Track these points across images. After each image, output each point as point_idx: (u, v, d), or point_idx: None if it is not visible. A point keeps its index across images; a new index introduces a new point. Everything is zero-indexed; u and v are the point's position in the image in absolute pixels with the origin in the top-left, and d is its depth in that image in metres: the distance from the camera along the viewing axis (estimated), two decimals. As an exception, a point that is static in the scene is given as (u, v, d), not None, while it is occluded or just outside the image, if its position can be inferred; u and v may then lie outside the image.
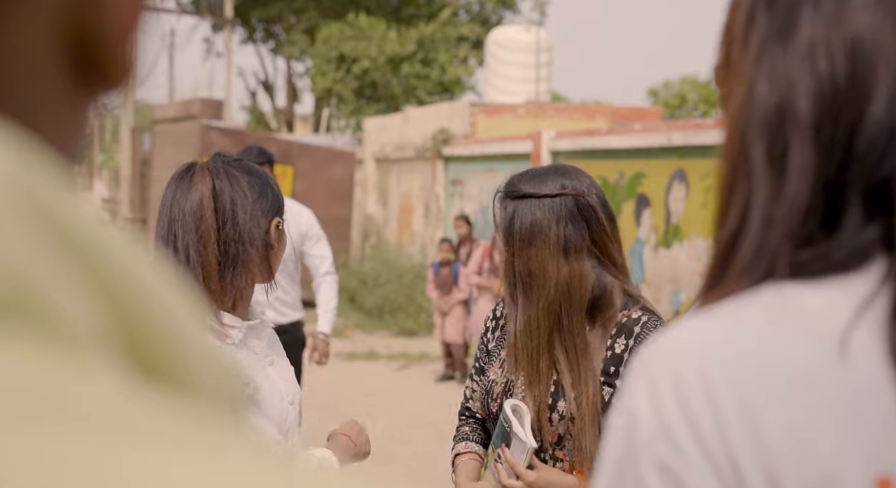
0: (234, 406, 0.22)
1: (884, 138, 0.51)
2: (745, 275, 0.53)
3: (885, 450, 0.48)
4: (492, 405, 1.77)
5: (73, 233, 0.18)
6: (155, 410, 0.18)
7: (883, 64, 0.52)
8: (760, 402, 0.49)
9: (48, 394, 0.16)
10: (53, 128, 0.22)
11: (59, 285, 0.17)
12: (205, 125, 11.16)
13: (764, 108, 0.54)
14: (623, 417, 0.52)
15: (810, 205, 0.52)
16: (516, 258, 1.69)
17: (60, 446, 0.16)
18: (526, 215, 1.69)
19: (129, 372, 0.19)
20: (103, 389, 0.17)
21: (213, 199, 1.63)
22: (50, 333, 0.17)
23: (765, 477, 0.48)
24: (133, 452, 0.16)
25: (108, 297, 0.18)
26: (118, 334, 0.19)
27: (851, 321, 0.50)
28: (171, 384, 0.20)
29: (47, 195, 0.18)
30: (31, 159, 0.18)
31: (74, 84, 0.23)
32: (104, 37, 0.22)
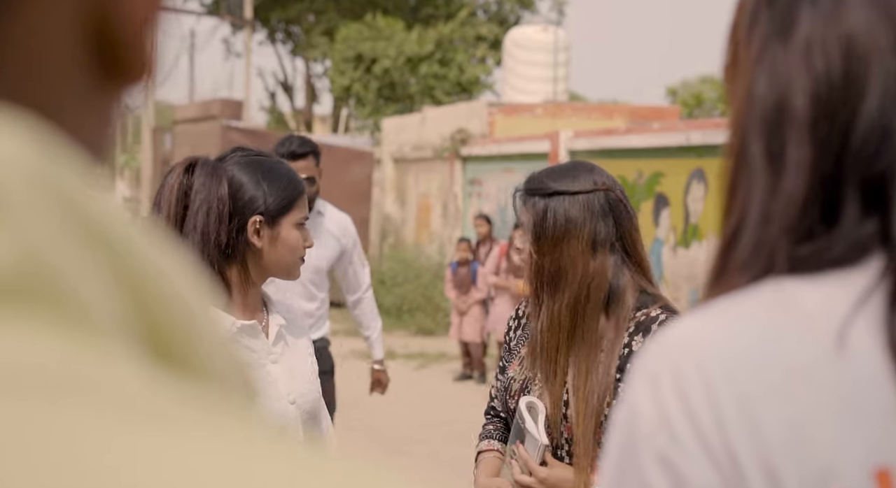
0: (247, 393, 0.22)
1: (877, 135, 0.52)
2: (745, 271, 0.54)
3: (883, 443, 0.49)
4: (510, 402, 1.78)
5: (94, 224, 0.19)
6: (169, 393, 0.18)
7: (876, 62, 0.53)
8: (759, 396, 0.50)
9: (63, 373, 0.17)
10: (77, 124, 0.23)
11: (80, 272, 0.18)
12: (224, 125, 11.23)
13: (763, 105, 0.55)
14: (625, 411, 0.53)
15: (807, 201, 0.53)
16: (546, 256, 1.70)
17: (70, 422, 0.16)
18: (560, 212, 1.69)
19: (146, 357, 0.19)
20: (119, 371, 0.18)
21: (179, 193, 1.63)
22: (70, 317, 0.18)
23: (763, 471, 0.49)
24: (144, 432, 0.17)
25: (128, 286, 0.19)
26: (137, 321, 0.19)
27: (849, 315, 0.51)
28: (186, 371, 0.20)
29: (70, 187, 0.19)
30: (55, 153, 0.19)
31: (96, 80, 0.23)
32: (123, 31, 0.23)
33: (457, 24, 19.29)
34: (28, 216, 0.17)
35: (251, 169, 1.69)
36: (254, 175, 1.68)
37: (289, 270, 1.73)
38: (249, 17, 17.20)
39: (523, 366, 1.80)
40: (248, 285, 1.71)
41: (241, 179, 1.67)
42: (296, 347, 1.77)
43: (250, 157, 1.71)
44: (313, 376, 1.77)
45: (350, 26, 18.85)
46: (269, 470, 0.17)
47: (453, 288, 7.80)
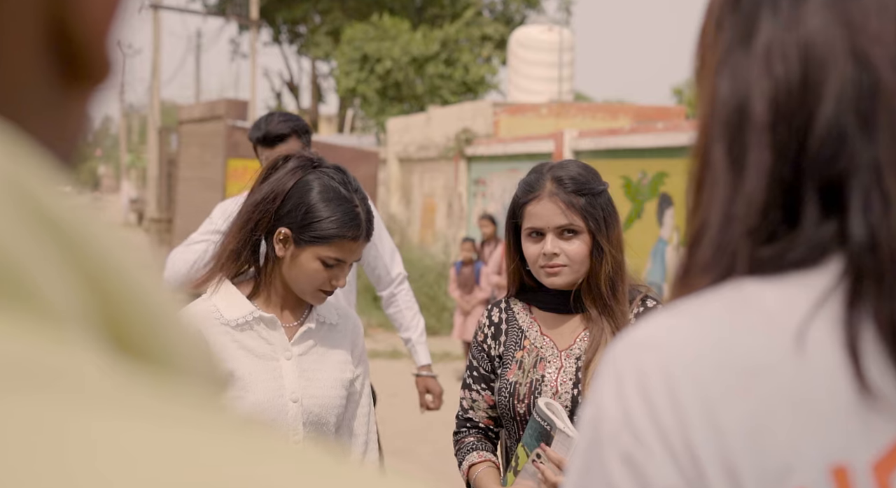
0: (214, 385, 0.23)
1: (833, 138, 0.53)
2: (707, 272, 0.55)
3: (839, 441, 0.50)
4: (518, 406, 1.75)
5: (56, 221, 0.19)
6: (128, 383, 0.18)
7: (832, 66, 0.54)
8: (720, 397, 0.51)
9: (20, 362, 0.17)
10: (40, 126, 0.23)
11: (38, 264, 0.19)
12: (230, 125, 11.25)
13: (725, 109, 0.56)
14: (591, 410, 0.54)
15: (767, 203, 0.54)
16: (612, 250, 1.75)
17: (27, 411, 0.17)
18: (612, 208, 1.78)
19: (106, 349, 0.20)
20: (79, 362, 0.18)
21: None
22: (28, 307, 0.18)
23: (723, 469, 0.50)
24: (101, 420, 0.17)
25: (89, 280, 0.20)
26: (97, 314, 0.20)
27: (808, 316, 0.52)
28: (147, 361, 0.20)
29: (32, 185, 0.19)
30: (16, 152, 0.19)
31: (59, 83, 0.23)
32: (83, 34, 0.23)
33: (462, 24, 19.29)
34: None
35: (325, 189, 1.71)
36: (321, 194, 1.70)
37: (303, 293, 1.74)
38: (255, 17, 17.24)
39: (524, 368, 1.78)
40: (276, 284, 1.74)
41: (306, 190, 1.70)
42: (326, 354, 1.77)
43: (335, 182, 1.73)
44: (337, 385, 1.76)
45: (356, 26, 18.87)
46: (222, 457, 0.17)
47: (457, 287, 7.81)
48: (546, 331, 1.82)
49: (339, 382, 1.77)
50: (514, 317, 1.85)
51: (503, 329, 1.85)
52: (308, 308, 1.79)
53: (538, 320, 1.83)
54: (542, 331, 1.82)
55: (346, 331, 1.83)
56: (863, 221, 0.52)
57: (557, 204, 1.73)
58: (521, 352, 1.81)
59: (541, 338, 1.81)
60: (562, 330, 1.81)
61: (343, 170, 1.80)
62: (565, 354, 1.78)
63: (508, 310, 1.86)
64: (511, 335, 1.84)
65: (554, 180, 1.75)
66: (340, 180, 1.75)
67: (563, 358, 1.78)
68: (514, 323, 1.85)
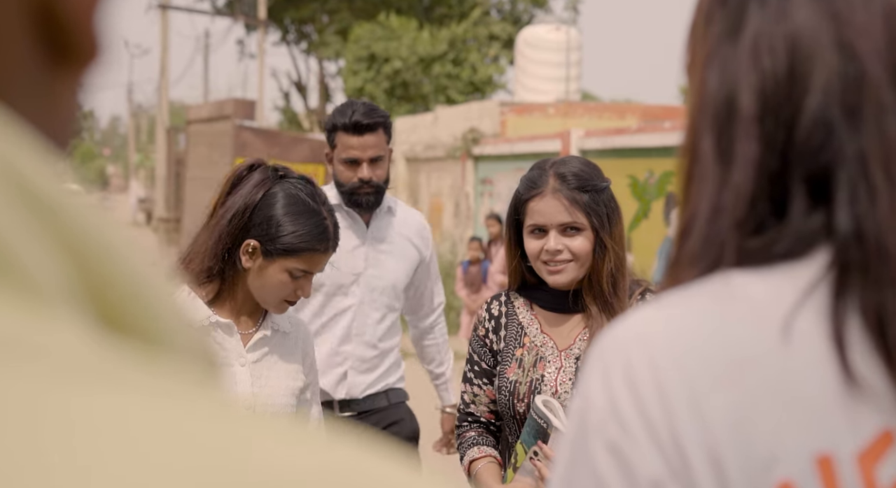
0: (205, 363, 0.23)
1: (820, 130, 0.53)
2: (696, 264, 0.55)
3: (825, 431, 0.50)
4: (518, 405, 1.75)
5: (44, 200, 0.20)
6: (113, 357, 0.18)
7: (819, 59, 0.54)
8: (705, 387, 0.51)
9: (9, 338, 0.18)
10: (30, 108, 0.23)
11: (24, 241, 0.19)
12: (238, 125, 11.28)
13: (714, 102, 0.56)
14: (579, 400, 0.54)
15: (755, 195, 0.54)
16: (616, 246, 1.76)
17: (8, 385, 0.17)
18: (614, 205, 1.78)
19: (94, 326, 0.20)
20: (66, 337, 0.18)
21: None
22: (14, 284, 0.18)
23: (708, 459, 0.50)
24: (85, 393, 0.17)
25: (77, 259, 0.20)
26: (85, 292, 0.20)
27: (794, 307, 0.52)
28: (134, 338, 0.21)
29: (20, 165, 0.19)
30: (5, 130, 0.20)
31: (47, 65, 0.24)
32: (70, 14, 0.23)
33: (470, 23, 19.29)
34: None
35: (293, 202, 1.72)
36: (290, 207, 1.72)
37: (266, 303, 1.76)
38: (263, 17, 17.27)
39: (524, 367, 1.77)
40: (237, 291, 1.76)
41: (274, 202, 1.72)
42: (279, 362, 1.79)
43: (303, 193, 1.74)
44: (288, 393, 1.78)
45: (363, 26, 18.89)
46: (209, 430, 0.17)
47: (464, 286, 7.82)
48: (546, 329, 1.81)
49: (291, 390, 1.79)
50: (514, 312, 1.84)
51: (503, 323, 1.84)
52: (263, 315, 1.80)
53: (538, 317, 1.82)
54: (543, 328, 1.81)
55: (297, 339, 1.84)
56: (849, 212, 0.52)
57: (561, 201, 1.73)
58: (520, 349, 1.80)
59: (541, 336, 1.81)
60: (562, 328, 1.80)
61: (310, 180, 1.81)
62: (565, 354, 1.78)
63: (509, 303, 1.86)
64: (511, 330, 1.83)
65: (557, 177, 1.74)
66: (308, 192, 1.76)
67: (563, 357, 1.77)
68: (514, 318, 1.84)
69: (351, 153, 2.55)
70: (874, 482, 0.50)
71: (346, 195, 2.61)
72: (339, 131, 2.58)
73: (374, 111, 2.58)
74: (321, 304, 2.58)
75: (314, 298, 2.54)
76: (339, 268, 2.52)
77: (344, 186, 2.60)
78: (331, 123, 2.60)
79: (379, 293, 2.60)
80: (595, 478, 0.51)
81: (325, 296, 2.58)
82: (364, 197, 2.58)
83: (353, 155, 2.55)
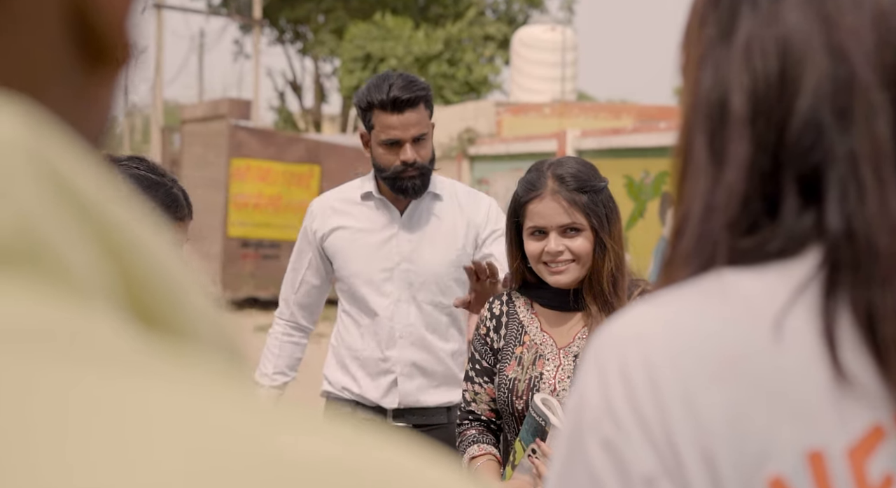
0: (233, 357, 0.24)
1: (811, 130, 0.54)
2: (689, 263, 0.56)
3: (815, 426, 0.51)
4: (517, 402, 1.77)
5: (84, 199, 0.21)
6: (146, 348, 0.19)
7: (809, 61, 0.55)
8: (698, 384, 0.52)
9: (44, 327, 0.19)
10: (66, 109, 0.25)
11: (68, 241, 0.20)
12: (233, 125, 11.27)
13: (707, 103, 0.57)
14: (575, 398, 0.55)
15: (748, 195, 0.55)
16: (616, 247, 1.77)
17: (49, 372, 0.18)
18: (612, 205, 1.80)
19: (128, 319, 0.21)
20: (101, 329, 0.19)
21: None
22: (56, 279, 0.19)
23: (700, 456, 0.51)
24: (116, 381, 0.18)
25: (113, 255, 0.21)
26: (121, 287, 0.21)
27: (786, 305, 0.53)
28: (165, 331, 0.22)
29: (62, 165, 0.21)
30: (48, 134, 0.21)
31: (82, 66, 0.25)
32: (104, 18, 0.24)
33: (465, 23, 19.30)
34: (24, 190, 0.19)
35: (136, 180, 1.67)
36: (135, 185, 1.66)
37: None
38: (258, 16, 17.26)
39: (523, 364, 1.79)
40: None
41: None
42: None
43: (142, 170, 1.70)
44: None
45: (359, 26, 18.89)
46: (232, 418, 0.18)
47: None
48: (546, 327, 1.83)
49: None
50: (514, 311, 1.86)
51: (503, 322, 1.86)
52: None
53: (539, 316, 1.84)
54: (543, 327, 1.83)
55: None
56: (839, 212, 0.53)
57: (560, 202, 1.74)
58: (520, 347, 1.82)
59: (541, 334, 1.82)
60: (562, 327, 1.82)
61: (143, 158, 1.76)
62: (563, 352, 1.79)
63: (510, 303, 1.87)
64: (511, 329, 1.85)
65: (555, 178, 1.75)
66: (146, 167, 1.72)
67: (562, 356, 1.79)
68: (515, 317, 1.85)
69: (391, 134, 2.22)
70: (864, 477, 0.51)
71: (389, 181, 2.27)
72: (376, 109, 2.23)
73: (414, 83, 2.22)
74: (357, 309, 2.34)
75: (346, 304, 2.37)
76: (369, 263, 2.31)
77: (386, 171, 2.26)
78: (365, 101, 2.24)
79: (418, 288, 2.31)
80: (590, 475, 0.52)
81: (357, 299, 2.33)
82: (409, 181, 2.26)
83: (395, 135, 2.22)
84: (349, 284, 2.36)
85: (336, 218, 2.40)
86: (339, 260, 2.38)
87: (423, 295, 2.32)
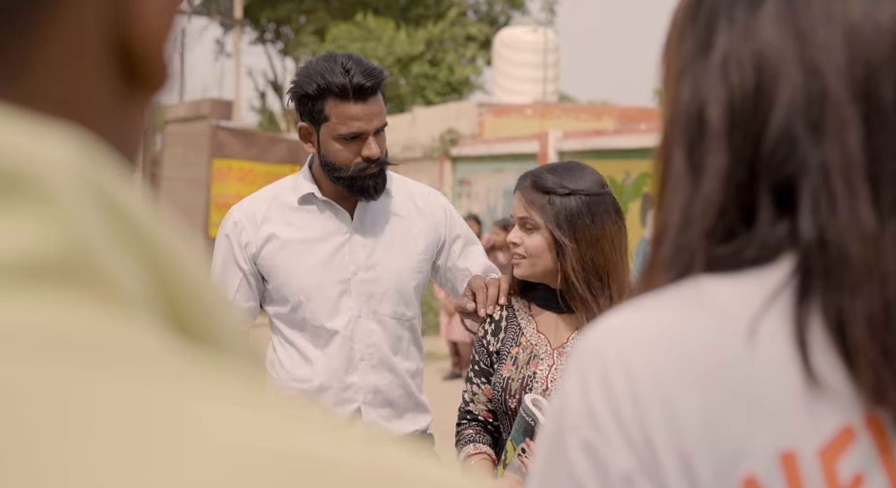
0: (252, 362, 0.26)
1: (785, 142, 0.56)
2: (667, 270, 0.58)
3: (788, 428, 0.53)
4: (510, 401, 1.81)
5: (126, 216, 0.23)
6: (185, 356, 0.21)
7: (783, 75, 0.57)
8: (676, 388, 0.53)
9: (97, 338, 0.21)
10: (109, 131, 0.26)
11: (115, 256, 0.22)
12: (215, 125, 11.23)
13: (686, 115, 0.59)
14: (557, 401, 0.57)
15: (724, 205, 0.57)
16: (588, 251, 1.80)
17: (102, 376, 0.20)
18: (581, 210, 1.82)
19: (167, 329, 0.23)
20: (146, 338, 0.21)
21: None
22: (106, 293, 0.21)
23: (677, 456, 0.52)
24: (162, 384, 0.20)
25: (153, 269, 0.23)
26: (160, 299, 0.23)
27: (760, 311, 0.55)
28: (201, 341, 0.24)
29: (107, 184, 0.22)
30: (94, 156, 0.23)
31: (122, 91, 0.27)
32: (144, 47, 0.26)
33: (447, 24, 19.31)
34: (74, 208, 0.21)
35: None
36: None
37: None
38: (240, 16, 17.20)
39: (518, 364, 1.83)
40: None
41: None
42: None
43: None
44: None
45: (340, 26, 18.86)
46: (268, 421, 0.20)
47: (442, 287, 7.85)
48: (542, 328, 1.88)
49: None
50: (513, 315, 1.91)
51: (503, 326, 1.91)
52: None
53: (535, 317, 1.89)
54: (538, 328, 1.88)
55: None
56: (812, 221, 0.55)
57: (521, 197, 1.83)
58: (516, 348, 1.87)
59: (536, 335, 1.87)
60: (556, 328, 1.87)
61: None
62: (557, 352, 1.84)
63: (509, 307, 1.93)
64: (510, 332, 1.90)
65: (530, 175, 1.85)
66: None
67: (556, 356, 1.83)
68: (514, 320, 1.91)
69: (354, 126, 1.90)
70: (835, 476, 0.53)
71: (345, 181, 1.95)
72: (331, 98, 1.90)
73: (373, 68, 1.92)
74: (303, 332, 1.99)
75: (285, 328, 2.00)
76: (320, 278, 1.97)
77: (343, 170, 1.94)
78: (314, 88, 1.89)
79: (379, 301, 1.99)
80: (570, 475, 0.54)
81: (304, 320, 1.98)
82: (371, 180, 1.95)
83: (358, 127, 1.91)
84: (293, 304, 1.97)
85: (269, 227, 2.00)
86: (279, 276, 1.97)
87: (384, 307, 1.99)
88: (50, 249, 0.20)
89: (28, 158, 0.21)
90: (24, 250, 0.20)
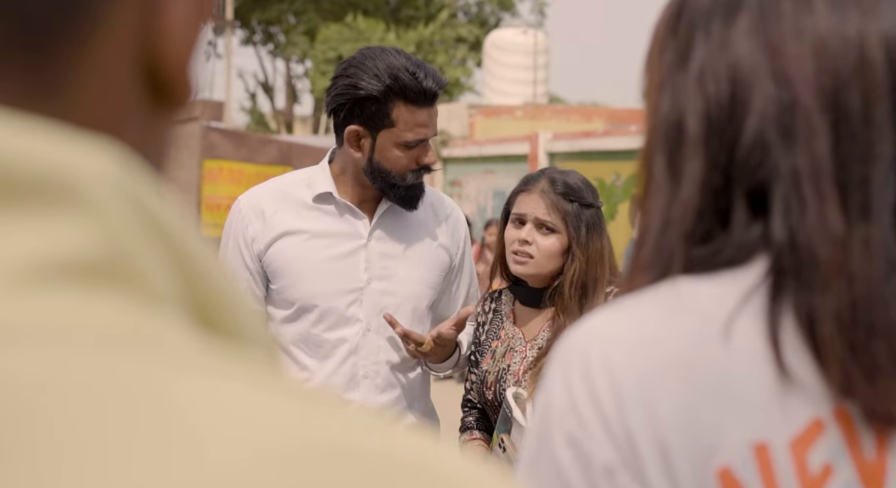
0: (271, 355, 0.29)
1: (758, 149, 0.59)
2: (647, 271, 0.61)
3: (761, 421, 0.56)
4: (486, 393, 1.89)
5: (158, 221, 0.25)
6: (213, 351, 0.23)
7: (757, 86, 0.60)
8: (655, 383, 0.56)
9: (135, 333, 0.23)
10: (140, 144, 0.29)
11: (148, 257, 0.24)
12: (205, 126, 11.23)
13: (665, 124, 0.62)
14: (543, 397, 0.59)
15: (702, 209, 0.60)
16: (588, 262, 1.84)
17: (137, 368, 0.21)
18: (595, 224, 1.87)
19: (195, 325, 0.25)
20: (174, 331, 0.23)
21: None
22: (141, 292, 0.24)
23: (656, 448, 0.55)
24: (188, 377, 0.22)
25: (182, 269, 0.25)
26: (188, 297, 0.25)
27: (735, 309, 0.58)
28: (226, 336, 0.26)
29: (141, 192, 0.25)
30: (129, 167, 0.25)
31: (152, 107, 0.29)
32: (172, 68, 0.28)
33: (437, 25, 19.35)
34: (115, 216, 0.23)
35: None
36: None
37: None
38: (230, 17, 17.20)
39: (495, 358, 1.90)
40: None
41: None
42: None
43: None
44: None
45: (330, 27, 18.89)
46: (294, 411, 0.22)
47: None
48: (520, 323, 1.94)
49: None
50: (500, 308, 1.97)
51: (489, 318, 1.97)
52: None
53: (516, 312, 1.95)
54: (517, 322, 1.94)
55: None
56: (783, 224, 0.58)
57: (544, 200, 1.85)
58: (496, 342, 1.93)
59: (513, 329, 1.93)
60: (532, 322, 1.92)
61: None
62: (530, 345, 1.89)
63: (497, 300, 1.98)
64: (494, 325, 1.96)
65: (549, 180, 1.87)
66: None
67: (528, 348, 1.89)
68: (499, 313, 1.96)
69: (421, 133, 1.76)
70: (806, 466, 0.56)
71: (398, 190, 1.79)
72: (401, 101, 1.72)
73: (436, 72, 1.79)
74: (305, 342, 1.82)
75: (295, 331, 1.81)
76: (331, 283, 1.80)
77: (401, 179, 1.78)
78: (380, 89, 1.71)
79: (392, 314, 1.81)
80: (555, 467, 0.57)
81: (307, 329, 1.81)
82: (420, 189, 1.83)
83: (424, 134, 1.77)
84: (297, 308, 1.81)
85: (279, 222, 1.82)
86: (286, 278, 1.81)
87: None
88: (95, 252, 0.23)
89: (73, 171, 0.23)
90: (73, 252, 0.23)
